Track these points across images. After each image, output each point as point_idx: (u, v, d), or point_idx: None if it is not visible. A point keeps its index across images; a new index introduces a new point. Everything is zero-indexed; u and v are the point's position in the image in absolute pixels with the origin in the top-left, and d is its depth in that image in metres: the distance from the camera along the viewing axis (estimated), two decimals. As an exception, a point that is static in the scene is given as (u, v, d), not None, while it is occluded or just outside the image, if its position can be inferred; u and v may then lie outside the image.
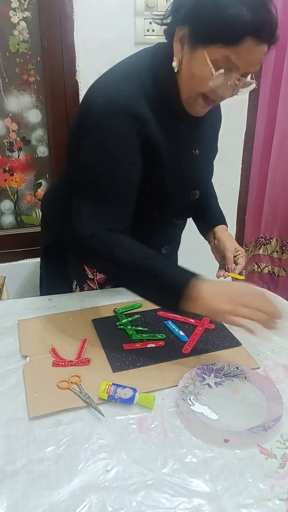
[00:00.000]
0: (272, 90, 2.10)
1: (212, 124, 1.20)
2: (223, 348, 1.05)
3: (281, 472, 0.74)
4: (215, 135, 1.23)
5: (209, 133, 1.19)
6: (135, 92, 0.98)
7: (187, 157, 1.11)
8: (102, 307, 1.21)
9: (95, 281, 1.32)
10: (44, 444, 0.78)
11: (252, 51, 0.87)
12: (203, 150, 1.14)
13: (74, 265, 1.32)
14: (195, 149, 1.12)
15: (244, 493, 0.70)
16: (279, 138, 2.17)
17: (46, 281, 1.42)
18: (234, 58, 0.88)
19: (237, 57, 0.88)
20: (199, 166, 1.16)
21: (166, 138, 1.03)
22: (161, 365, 0.98)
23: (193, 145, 1.12)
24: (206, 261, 1.36)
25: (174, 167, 1.08)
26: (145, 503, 0.69)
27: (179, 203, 1.17)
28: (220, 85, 0.92)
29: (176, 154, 1.08)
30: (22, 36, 1.66)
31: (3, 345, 1.05)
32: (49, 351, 1.02)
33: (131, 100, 0.97)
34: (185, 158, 1.11)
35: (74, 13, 1.63)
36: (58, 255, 1.31)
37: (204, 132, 1.15)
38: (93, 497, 0.69)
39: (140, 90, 0.98)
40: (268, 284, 2.52)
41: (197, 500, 0.69)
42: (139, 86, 0.99)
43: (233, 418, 0.84)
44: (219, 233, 1.30)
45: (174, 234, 1.32)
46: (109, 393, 0.87)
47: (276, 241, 2.44)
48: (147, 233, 1.18)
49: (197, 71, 0.92)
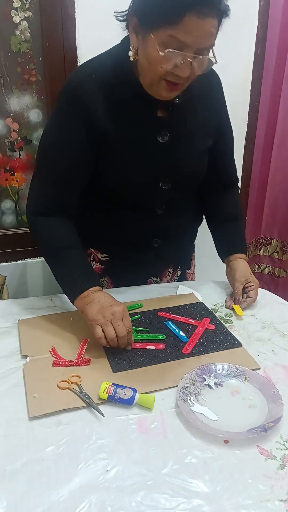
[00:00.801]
0: (273, 91, 2.10)
1: (205, 114, 1.17)
2: (223, 348, 1.05)
3: (281, 473, 0.74)
4: (207, 127, 1.19)
5: (194, 123, 1.15)
6: (88, 80, 1.03)
7: (150, 145, 1.10)
8: (102, 307, 1.21)
9: None
10: (44, 444, 0.78)
11: (196, 26, 0.88)
12: (178, 138, 1.12)
13: None
14: (162, 136, 1.10)
15: (243, 494, 0.70)
16: (279, 139, 2.17)
17: None
18: (180, 36, 0.89)
19: (183, 34, 0.89)
20: (168, 155, 1.12)
21: (120, 125, 1.06)
22: (161, 365, 0.98)
23: (159, 133, 1.10)
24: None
25: (133, 154, 1.09)
26: (144, 504, 0.68)
27: (148, 193, 1.15)
28: (173, 65, 0.93)
29: (135, 141, 1.08)
30: (24, 36, 1.66)
31: (3, 345, 1.05)
32: (49, 351, 1.02)
33: (80, 87, 1.03)
34: (147, 145, 1.10)
35: (75, 13, 1.63)
36: None
37: (183, 121, 1.13)
38: (92, 497, 0.69)
39: (96, 78, 1.03)
40: (269, 285, 2.51)
41: (196, 500, 0.69)
42: (96, 75, 1.04)
43: (233, 418, 0.84)
44: (233, 261, 1.30)
45: (164, 226, 1.25)
46: (109, 393, 0.87)
47: (276, 242, 2.43)
48: (129, 225, 1.19)
49: (150, 55, 0.95)
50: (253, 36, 1.92)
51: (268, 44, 1.98)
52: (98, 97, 1.03)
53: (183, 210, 1.27)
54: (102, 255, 1.31)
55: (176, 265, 1.42)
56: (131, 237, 1.23)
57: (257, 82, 2.02)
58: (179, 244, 1.35)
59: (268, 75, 2.05)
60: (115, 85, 1.04)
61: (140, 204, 1.18)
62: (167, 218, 1.23)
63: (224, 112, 1.25)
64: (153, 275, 1.39)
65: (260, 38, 1.93)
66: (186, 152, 1.16)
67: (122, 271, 1.32)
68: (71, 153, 1.08)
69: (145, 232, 1.24)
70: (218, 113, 1.23)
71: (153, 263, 1.34)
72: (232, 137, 1.30)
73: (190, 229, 1.40)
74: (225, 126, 1.27)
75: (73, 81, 1.07)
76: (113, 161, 1.10)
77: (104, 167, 1.11)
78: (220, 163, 1.28)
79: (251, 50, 1.94)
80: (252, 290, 1.24)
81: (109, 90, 1.04)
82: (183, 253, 1.44)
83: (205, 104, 1.17)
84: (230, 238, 1.34)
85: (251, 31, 1.91)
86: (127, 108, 1.06)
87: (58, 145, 1.08)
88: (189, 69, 0.94)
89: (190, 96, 1.11)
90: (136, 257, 1.28)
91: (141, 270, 1.35)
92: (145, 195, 1.16)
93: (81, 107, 1.03)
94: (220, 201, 1.34)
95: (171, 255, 1.37)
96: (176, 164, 1.15)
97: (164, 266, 1.39)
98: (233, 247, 1.32)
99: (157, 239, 1.26)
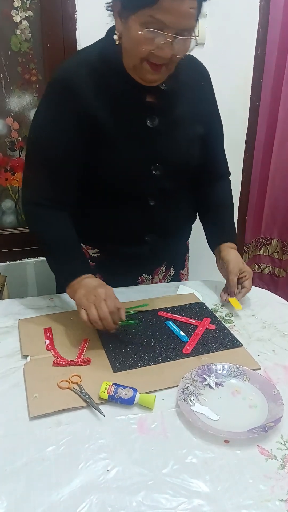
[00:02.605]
0: (274, 91, 2.10)
1: (193, 103, 1.18)
2: (223, 348, 1.05)
3: (281, 473, 0.74)
4: (196, 115, 1.19)
5: (183, 110, 1.16)
6: (76, 70, 1.07)
7: (141, 130, 1.11)
8: (102, 307, 1.21)
9: None
10: (44, 444, 0.78)
11: (174, 6, 0.91)
12: (167, 124, 1.13)
13: None
14: (152, 120, 1.11)
15: (244, 494, 0.70)
16: (279, 139, 2.18)
17: None
18: (159, 16, 0.91)
19: (161, 14, 0.91)
20: (158, 139, 1.13)
21: (110, 111, 1.07)
22: (162, 365, 0.98)
23: (149, 118, 1.11)
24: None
25: (123, 139, 1.10)
26: (145, 504, 0.68)
27: (139, 179, 1.14)
28: (154, 45, 0.95)
29: (125, 126, 1.09)
30: (24, 35, 1.66)
31: (3, 344, 1.05)
32: (49, 350, 1.02)
33: (68, 76, 1.06)
34: (137, 130, 1.11)
35: (76, 13, 1.64)
36: None
37: (172, 107, 1.14)
38: (93, 497, 0.69)
39: (84, 68, 1.06)
40: (269, 284, 2.52)
41: (197, 500, 0.69)
42: (84, 64, 1.07)
43: (234, 418, 0.84)
44: (225, 252, 1.27)
45: (157, 219, 1.24)
46: (110, 393, 0.87)
47: (276, 242, 2.44)
48: (121, 218, 1.19)
49: (132, 36, 0.96)
50: (254, 36, 1.92)
51: (269, 44, 1.98)
52: (87, 85, 1.05)
53: (176, 203, 1.26)
54: (94, 251, 1.30)
55: (169, 264, 1.41)
56: (123, 230, 1.22)
57: (258, 83, 2.02)
58: (172, 240, 1.32)
59: (268, 76, 2.06)
60: (103, 73, 1.07)
61: (131, 191, 1.16)
62: (159, 210, 1.22)
63: (213, 104, 1.27)
64: (145, 273, 1.37)
65: (260, 39, 1.93)
66: (176, 137, 1.16)
67: (113, 268, 1.31)
68: (64, 141, 1.09)
69: (138, 225, 1.23)
70: (207, 103, 1.24)
71: (146, 260, 1.32)
72: (221, 130, 1.31)
73: (184, 225, 1.38)
74: (215, 118, 1.29)
75: (61, 71, 1.09)
76: (104, 146, 1.10)
77: (95, 154, 1.11)
78: (210, 155, 1.28)
79: (251, 50, 1.94)
80: (247, 280, 1.23)
81: (98, 78, 1.06)
82: (177, 251, 1.43)
83: (194, 93, 1.19)
84: (219, 227, 1.33)
85: (252, 32, 1.91)
86: (116, 94, 1.08)
87: (51, 134, 1.09)
88: (170, 50, 0.96)
89: (178, 84, 1.12)
90: (128, 252, 1.26)
91: (133, 266, 1.34)
92: (136, 182, 1.14)
93: (71, 95, 1.05)
94: (209, 191, 1.34)
95: (164, 252, 1.34)
96: (166, 148, 1.15)
97: (157, 264, 1.38)
98: (222, 236, 1.31)
99: (150, 233, 1.25)
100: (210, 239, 1.35)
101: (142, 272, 1.37)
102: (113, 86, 1.07)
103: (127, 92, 1.08)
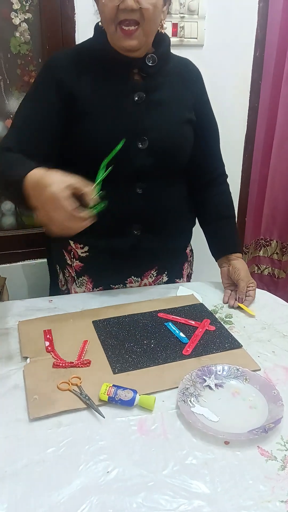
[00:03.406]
0: (272, 92, 2.10)
1: (183, 91, 1.23)
2: (223, 350, 1.05)
3: (282, 474, 0.74)
4: (184, 101, 1.24)
5: (170, 93, 1.21)
6: (62, 56, 1.18)
7: (128, 104, 1.15)
8: (102, 309, 1.21)
9: (73, 267, 1.33)
10: (45, 446, 0.78)
11: None
12: (153, 102, 1.17)
13: (56, 250, 1.37)
14: (140, 97, 1.15)
15: (244, 495, 0.70)
16: (279, 140, 2.18)
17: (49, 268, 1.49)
18: None
19: None
20: (145, 114, 1.16)
21: (96, 88, 1.14)
22: (162, 366, 0.98)
23: (137, 94, 1.15)
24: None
25: (107, 113, 1.14)
26: (145, 505, 0.68)
27: (126, 157, 1.10)
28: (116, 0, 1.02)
29: (111, 101, 1.14)
30: (24, 37, 1.67)
31: (3, 346, 1.05)
32: (49, 352, 1.02)
33: (55, 60, 1.18)
34: (125, 105, 1.15)
35: (75, 15, 1.64)
36: (49, 241, 1.42)
37: (159, 88, 1.19)
38: (93, 499, 0.69)
39: (70, 55, 1.18)
40: (268, 285, 2.52)
41: (197, 501, 0.69)
42: (70, 51, 1.20)
43: (234, 419, 0.84)
44: (235, 260, 1.32)
45: (145, 210, 1.22)
46: (110, 395, 0.87)
47: (276, 243, 2.43)
48: (107, 205, 1.14)
49: (100, 5, 1.08)
50: (253, 37, 1.92)
51: (267, 45, 1.98)
52: (70, 63, 1.15)
53: (166, 196, 1.24)
54: (82, 251, 1.29)
55: (161, 269, 1.36)
56: (109, 219, 1.15)
57: (257, 84, 2.02)
58: (162, 237, 1.28)
59: (267, 77, 2.06)
60: (90, 57, 1.15)
61: (117, 169, 1.05)
62: (147, 200, 1.20)
63: (204, 100, 1.30)
64: (134, 275, 1.34)
65: (259, 40, 1.94)
66: (162, 114, 1.19)
67: (101, 269, 1.30)
68: (45, 106, 1.15)
69: (124, 214, 1.21)
70: (197, 97, 1.27)
71: (134, 258, 1.28)
72: (216, 129, 1.33)
73: (177, 223, 1.33)
74: (207, 114, 1.31)
75: (49, 59, 1.21)
76: (88, 121, 1.13)
77: (80, 128, 1.14)
78: (204, 153, 1.30)
79: (250, 51, 1.95)
80: (253, 290, 1.27)
81: (84, 61, 1.15)
82: (169, 254, 1.37)
83: (182, 81, 1.24)
84: (227, 237, 1.35)
85: (251, 33, 1.91)
86: (103, 74, 1.15)
87: (33, 100, 1.17)
88: (133, 1, 1.02)
89: (167, 70, 1.20)
90: (116, 247, 1.25)
91: (122, 265, 1.31)
92: (123, 159, 1.07)
93: (53, 71, 1.15)
94: (211, 198, 1.34)
95: (153, 250, 1.30)
96: (152, 122, 1.17)
97: (147, 266, 1.34)
98: (233, 247, 1.34)
99: (137, 223, 1.23)
100: (218, 248, 1.36)
101: (131, 274, 1.34)
102: (101, 67, 1.14)
103: (115, 72, 1.14)
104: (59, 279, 1.41)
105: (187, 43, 1.78)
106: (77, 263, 1.32)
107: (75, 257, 1.31)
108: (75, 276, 1.33)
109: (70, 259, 1.33)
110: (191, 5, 1.72)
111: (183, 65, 1.27)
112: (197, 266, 1.58)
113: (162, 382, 0.93)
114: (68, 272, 1.35)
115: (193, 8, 1.73)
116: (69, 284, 1.36)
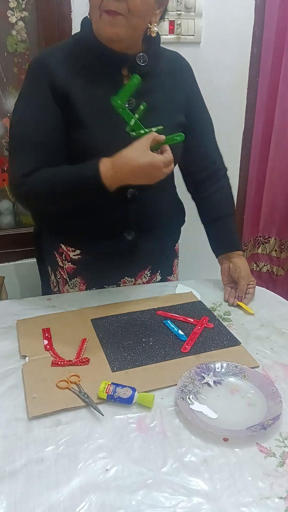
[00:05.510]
0: (270, 90, 2.10)
1: (174, 90, 1.21)
2: (222, 347, 1.05)
3: (280, 470, 0.74)
4: (175, 103, 1.21)
5: (162, 96, 1.18)
6: (51, 53, 1.13)
7: None
8: (100, 307, 1.21)
9: (64, 270, 1.32)
10: (44, 444, 0.78)
11: None
12: (148, 102, 1.12)
13: (47, 251, 1.36)
14: (131, 103, 1.11)
15: (243, 492, 0.71)
16: (276, 137, 2.17)
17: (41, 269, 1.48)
18: None
19: None
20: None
21: (87, 88, 1.10)
22: (160, 364, 0.98)
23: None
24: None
25: (98, 114, 1.11)
26: (144, 502, 0.69)
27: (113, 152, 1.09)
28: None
29: (102, 103, 1.10)
30: (20, 36, 1.66)
31: (2, 345, 1.05)
32: (48, 350, 1.02)
33: (44, 58, 1.12)
34: (116, 111, 1.11)
35: (71, 13, 1.64)
36: (39, 242, 1.40)
37: (150, 91, 1.15)
38: (92, 497, 0.69)
39: (59, 50, 1.13)
40: (267, 283, 2.52)
41: (196, 499, 0.69)
42: (59, 48, 1.14)
43: (232, 417, 0.85)
44: (236, 258, 1.32)
45: (136, 215, 1.21)
46: (108, 393, 0.87)
47: (274, 240, 2.44)
48: (99, 210, 1.16)
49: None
50: (250, 35, 1.92)
51: (265, 42, 1.98)
52: (62, 65, 1.10)
53: (156, 199, 1.24)
54: (74, 253, 1.28)
55: (154, 269, 1.37)
56: (101, 225, 1.19)
57: (254, 81, 2.02)
58: (154, 239, 1.28)
59: (264, 74, 2.05)
60: (79, 54, 1.11)
61: None
62: (138, 204, 1.20)
63: (196, 96, 1.28)
64: (127, 276, 1.33)
65: (256, 37, 1.94)
66: (155, 119, 1.13)
67: (94, 271, 1.30)
68: (46, 119, 1.10)
69: (116, 219, 1.20)
70: (189, 94, 1.25)
71: (127, 260, 1.28)
72: (210, 123, 1.31)
73: (169, 225, 1.33)
74: (199, 110, 1.29)
75: (37, 57, 1.16)
76: (84, 131, 1.11)
77: (70, 129, 1.12)
78: (201, 149, 1.29)
79: (247, 49, 1.95)
80: (252, 288, 1.28)
81: (73, 58, 1.11)
82: (162, 255, 1.38)
83: (173, 80, 1.21)
84: (229, 234, 1.35)
85: (248, 30, 1.91)
86: (93, 73, 1.11)
87: (32, 113, 1.11)
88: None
89: (158, 69, 1.17)
90: (108, 251, 1.24)
91: (115, 268, 1.31)
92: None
93: (46, 73, 1.09)
94: (211, 194, 1.33)
95: (146, 253, 1.30)
96: (144, 123, 1.14)
97: (140, 267, 1.34)
98: (234, 244, 1.34)
99: (129, 229, 1.22)
100: (220, 245, 1.35)
101: (124, 275, 1.33)
102: (90, 66, 1.11)
103: (105, 72, 1.11)
104: (51, 280, 1.39)
105: (184, 40, 1.77)
106: (69, 265, 1.30)
107: (66, 260, 1.30)
108: (67, 278, 1.32)
109: (61, 261, 1.31)
110: (188, 2, 1.72)
111: (174, 60, 1.24)
112: (193, 265, 1.58)
113: (161, 379, 0.93)
114: (59, 274, 1.34)
115: (189, 5, 1.73)
116: (61, 286, 1.35)
